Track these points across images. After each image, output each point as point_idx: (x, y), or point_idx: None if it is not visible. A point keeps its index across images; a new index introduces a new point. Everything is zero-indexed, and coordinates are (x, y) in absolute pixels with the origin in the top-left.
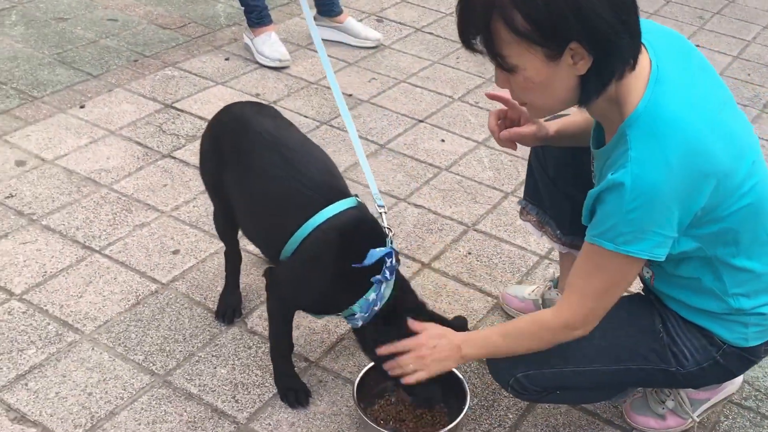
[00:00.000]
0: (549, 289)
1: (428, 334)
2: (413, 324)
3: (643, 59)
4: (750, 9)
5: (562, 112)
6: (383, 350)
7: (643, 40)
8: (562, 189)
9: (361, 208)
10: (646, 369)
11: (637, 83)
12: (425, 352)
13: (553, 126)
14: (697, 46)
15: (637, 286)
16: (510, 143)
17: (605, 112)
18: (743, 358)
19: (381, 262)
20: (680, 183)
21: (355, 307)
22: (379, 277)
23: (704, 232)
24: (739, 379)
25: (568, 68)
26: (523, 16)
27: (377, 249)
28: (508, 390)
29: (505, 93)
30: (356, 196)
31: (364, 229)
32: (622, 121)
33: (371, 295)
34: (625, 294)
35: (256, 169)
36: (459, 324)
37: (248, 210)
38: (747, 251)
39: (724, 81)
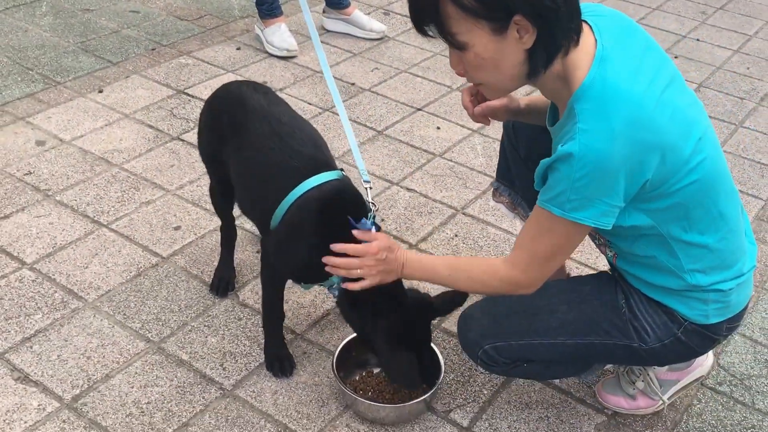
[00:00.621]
0: None
1: (379, 245)
2: (363, 234)
3: (588, 38)
4: (754, 4)
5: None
6: (335, 247)
7: (588, 21)
8: (532, 168)
9: (344, 180)
10: (608, 344)
11: (582, 60)
12: (372, 262)
13: (524, 100)
14: (697, 40)
15: (602, 265)
16: (484, 118)
17: (555, 90)
18: (704, 336)
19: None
20: (625, 152)
21: (334, 277)
22: None
23: (655, 207)
24: (709, 361)
25: (515, 42)
26: None
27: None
28: (477, 362)
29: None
30: (341, 170)
31: (345, 199)
32: (570, 95)
33: None
34: (592, 272)
35: (249, 141)
36: (422, 298)
37: (242, 180)
38: (699, 227)
39: (722, 74)
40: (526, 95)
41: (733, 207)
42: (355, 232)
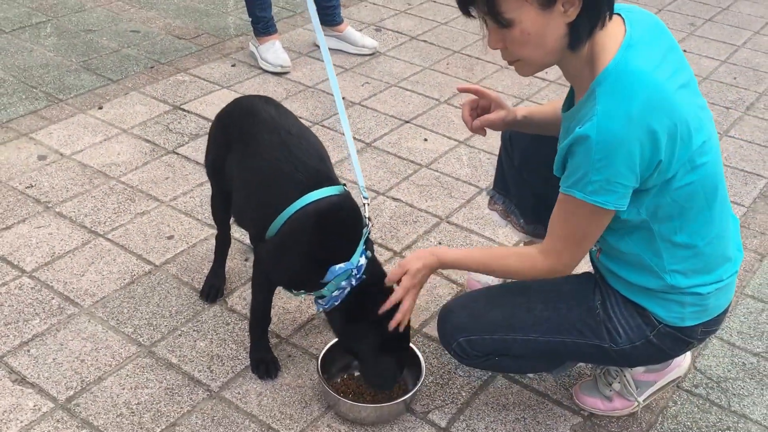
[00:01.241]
0: None
1: (409, 275)
2: (392, 276)
3: (619, 26)
4: (743, 15)
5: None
6: (382, 309)
7: (621, 13)
8: (526, 178)
9: (345, 195)
10: (580, 343)
11: (610, 44)
12: (415, 290)
13: (521, 111)
14: (685, 51)
15: (585, 266)
16: (481, 130)
17: (579, 71)
18: (677, 339)
19: (356, 241)
20: (641, 134)
21: (325, 291)
22: (344, 284)
23: (653, 203)
24: (686, 363)
25: (559, 16)
26: None
27: (338, 266)
28: (451, 353)
29: (474, 85)
30: (344, 185)
31: (343, 215)
32: (592, 80)
33: (335, 292)
34: (574, 272)
35: (257, 150)
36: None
37: (245, 188)
38: (689, 229)
39: (709, 84)
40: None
41: (724, 214)
42: (386, 280)
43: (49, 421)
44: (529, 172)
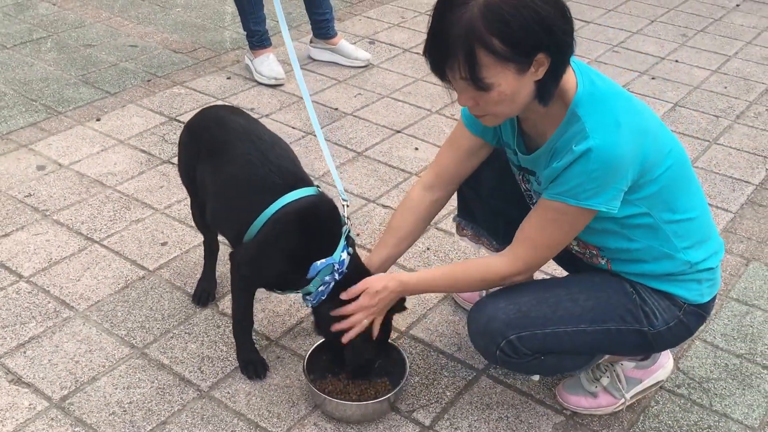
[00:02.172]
0: None
1: (368, 294)
2: (350, 292)
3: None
4: (735, 26)
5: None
6: (335, 312)
7: None
8: (494, 207)
9: (321, 195)
10: (623, 330)
11: (569, 77)
12: (373, 309)
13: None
14: (676, 61)
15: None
16: None
17: (547, 110)
18: (699, 315)
19: (336, 238)
20: (632, 138)
21: (311, 287)
22: (328, 279)
23: (645, 194)
24: (669, 364)
25: (531, 76)
26: (500, 40)
27: (319, 262)
28: (496, 354)
29: None
30: (318, 186)
31: (321, 213)
32: (566, 108)
33: (320, 287)
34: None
35: (230, 157)
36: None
37: (220, 194)
38: (682, 205)
39: (699, 94)
40: None
41: (699, 189)
42: (342, 295)
43: (44, 419)
44: (498, 200)
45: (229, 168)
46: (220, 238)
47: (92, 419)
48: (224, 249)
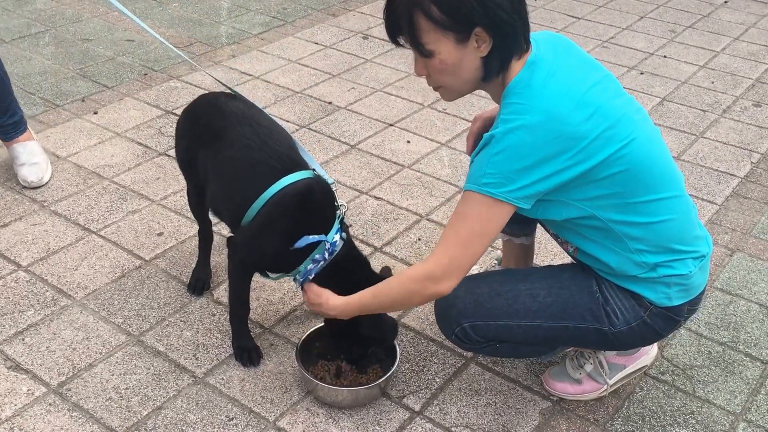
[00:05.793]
0: (493, 266)
1: (308, 299)
2: (306, 287)
3: (528, 52)
4: (723, 22)
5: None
6: (307, 285)
7: (531, 40)
8: None
9: (318, 178)
10: (581, 328)
11: (516, 67)
12: (314, 309)
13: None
14: (664, 57)
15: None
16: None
17: (499, 97)
18: (668, 318)
19: (331, 221)
20: (538, 138)
21: (301, 266)
22: (318, 257)
23: (588, 195)
24: (654, 351)
25: (473, 51)
26: (437, 7)
27: (310, 236)
28: (451, 338)
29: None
30: (313, 170)
31: (320, 196)
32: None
33: (309, 265)
34: (567, 262)
35: (229, 141)
36: (385, 274)
37: (219, 178)
38: (638, 209)
39: (687, 88)
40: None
41: (678, 197)
42: (312, 280)
43: (42, 405)
44: None
45: (229, 152)
46: (215, 227)
47: (89, 404)
48: (219, 240)
